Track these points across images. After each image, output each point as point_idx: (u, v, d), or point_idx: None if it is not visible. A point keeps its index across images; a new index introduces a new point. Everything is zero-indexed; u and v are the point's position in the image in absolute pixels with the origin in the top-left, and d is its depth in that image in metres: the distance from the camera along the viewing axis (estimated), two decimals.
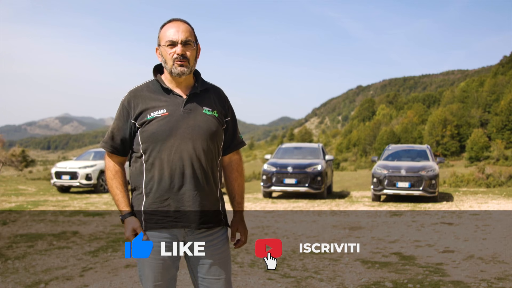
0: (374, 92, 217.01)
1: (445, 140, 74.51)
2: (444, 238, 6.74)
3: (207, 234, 2.12)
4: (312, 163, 12.42)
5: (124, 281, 4.50)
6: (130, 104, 2.10)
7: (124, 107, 2.11)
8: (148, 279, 2.09)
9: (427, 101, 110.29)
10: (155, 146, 2.04)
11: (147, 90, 2.12)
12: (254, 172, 45.72)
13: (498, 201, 10.79)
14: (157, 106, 2.07)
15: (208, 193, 2.08)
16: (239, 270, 4.93)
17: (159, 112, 2.05)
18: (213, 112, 2.13)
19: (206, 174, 2.08)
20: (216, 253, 2.14)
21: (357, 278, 4.66)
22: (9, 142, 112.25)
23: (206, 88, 2.17)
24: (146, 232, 2.06)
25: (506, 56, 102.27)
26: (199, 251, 2.08)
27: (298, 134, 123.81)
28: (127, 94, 2.14)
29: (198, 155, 2.05)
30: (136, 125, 2.08)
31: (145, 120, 2.05)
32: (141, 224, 2.07)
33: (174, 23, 2.10)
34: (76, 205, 10.56)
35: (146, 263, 2.08)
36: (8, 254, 5.77)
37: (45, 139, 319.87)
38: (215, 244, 2.14)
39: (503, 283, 4.36)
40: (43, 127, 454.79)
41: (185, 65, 2.07)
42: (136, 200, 2.11)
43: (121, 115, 2.12)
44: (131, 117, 2.09)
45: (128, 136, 2.11)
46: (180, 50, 2.05)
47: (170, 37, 2.06)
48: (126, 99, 2.12)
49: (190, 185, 2.04)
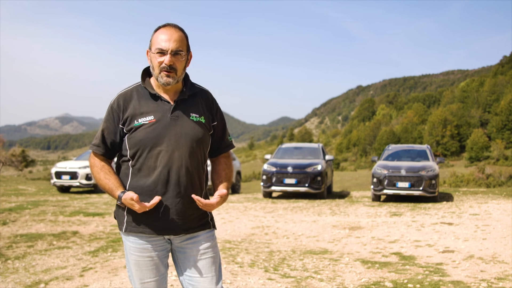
0: (374, 92, 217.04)
1: (445, 140, 74.51)
2: (444, 238, 6.74)
3: (193, 235, 2.12)
4: (312, 163, 12.42)
5: (124, 281, 4.50)
6: (120, 107, 2.07)
7: (114, 110, 2.08)
8: (136, 277, 2.09)
9: (427, 101, 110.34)
10: (142, 153, 2.03)
11: (136, 94, 2.10)
12: (254, 172, 45.73)
13: (498, 201, 10.78)
14: (144, 112, 2.05)
15: (192, 200, 2.07)
16: (239, 270, 4.92)
17: (146, 118, 2.03)
18: (200, 118, 2.12)
19: (192, 181, 2.08)
20: (201, 251, 2.12)
21: (357, 278, 4.65)
22: (9, 142, 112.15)
23: (195, 93, 2.15)
24: (127, 234, 2.09)
25: (506, 56, 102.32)
26: (186, 248, 2.10)
27: (298, 134, 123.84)
28: (116, 97, 2.10)
29: (184, 162, 2.05)
30: (123, 130, 2.07)
31: (132, 127, 2.04)
32: (123, 226, 2.09)
33: (167, 29, 2.04)
34: (76, 205, 10.56)
35: (132, 261, 2.09)
36: (8, 254, 5.77)
37: (45, 139, 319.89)
38: (200, 240, 2.12)
39: (503, 283, 4.36)
40: (43, 127, 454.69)
41: (172, 76, 2.03)
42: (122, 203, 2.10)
43: (110, 118, 2.08)
44: (120, 121, 2.07)
45: (118, 140, 2.09)
46: (168, 61, 2.00)
47: (161, 45, 2.01)
48: (116, 102, 2.08)
49: (173, 192, 2.03)
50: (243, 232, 7.39)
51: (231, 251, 5.93)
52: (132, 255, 2.09)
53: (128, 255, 2.11)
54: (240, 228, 7.75)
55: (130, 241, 2.09)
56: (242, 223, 8.26)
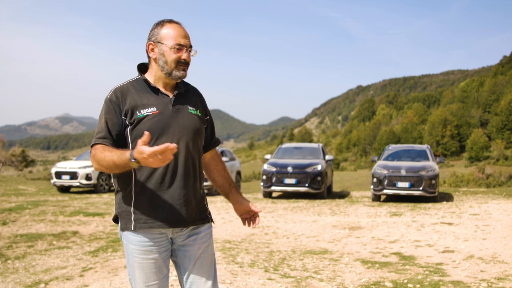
0: (374, 92, 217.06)
1: (445, 140, 74.53)
2: (444, 238, 6.73)
3: (194, 231, 2.14)
4: (312, 163, 12.41)
5: (124, 281, 4.50)
6: (119, 99, 2.04)
7: (113, 102, 2.03)
8: (140, 280, 2.07)
9: (427, 101, 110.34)
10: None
11: (133, 88, 2.09)
12: (254, 172, 45.73)
13: (498, 201, 10.78)
14: (146, 104, 2.04)
15: (195, 191, 2.12)
16: (239, 270, 4.92)
17: (149, 110, 2.03)
18: (197, 111, 2.17)
19: (195, 172, 2.11)
20: (202, 246, 2.14)
21: (357, 278, 4.65)
22: (9, 142, 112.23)
23: (188, 89, 2.21)
24: (135, 231, 2.04)
25: (506, 56, 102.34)
26: (187, 245, 2.11)
27: (298, 134, 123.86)
28: (112, 91, 2.07)
29: (188, 153, 2.08)
30: (126, 122, 2.04)
31: (135, 118, 2.02)
32: (131, 224, 2.03)
33: (178, 26, 2.10)
34: (76, 205, 10.56)
35: (136, 264, 2.05)
36: (8, 254, 5.77)
37: (45, 139, 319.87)
38: (202, 237, 2.15)
39: (503, 283, 4.36)
40: (43, 127, 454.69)
41: (186, 70, 2.11)
42: (124, 200, 2.06)
43: (111, 110, 2.02)
44: (122, 113, 2.03)
45: (122, 132, 2.05)
46: (187, 57, 2.08)
47: (179, 40, 2.06)
48: (113, 95, 2.05)
49: (180, 183, 2.05)
50: (243, 232, 7.39)
51: (231, 251, 5.92)
52: (136, 257, 2.05)
53: (131, 258, 2.07)
54: (240, 228, 7.75)
55: (134, 243, 2.05)
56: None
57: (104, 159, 1.91)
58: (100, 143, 1.97)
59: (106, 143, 1.98)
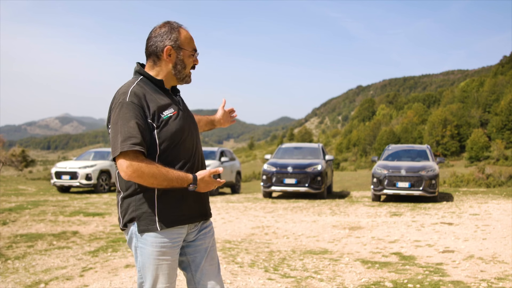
0: (374, 92, 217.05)
1: (445, 140, 74.51)
2: (444, 238, 6.73)
3: (204, 225, 2.20)
4: (312, 163, 12.42)
5: (124, 281, 4.50)
6: (141, 101, 1.96)
7: (137, 106, 1.94)
8: (160, 283, 2.03)
9: (427, 101, 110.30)
10: (171, 145, 2.01)
11: (148, 89, 2.03)
12: (254, 172, 45.72)
13: (498, 201, 10.78)
14: (165, 105, 2.03)
15: None
16: (239, 270, 4.92)
17: (170, 111, 2.03)
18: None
19: (203, 166, 2.18)
20: (211, 240, 2.22)
21: (357, 278, 4.65)
22: (9, 142, 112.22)
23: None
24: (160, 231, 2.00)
25: (506, 56, 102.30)
26: (198, 239, 2.16)
27: (298, 134, 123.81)
28: (131, 94, 1.96)
29: (200, 149, 2.18)
30: (153, 125, 1.98)
31: (162, 120, 1.99)
32: (155, 224, 1.99)
33: (187, 30, 2.14)
34: (76, 205, 10.56)
35: (154, 266, 2.02)
36: (8, 254, 5.77)
37: (45, 139, 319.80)
38: (210, 230, 2.23)
39: (503, 283, 4.36)
40: (43, 127, 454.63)
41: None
42: (146, 202, 2.00)
43: (138, 114, 1.93)
44: (149, 116, 1.98)
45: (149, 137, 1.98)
46: (197, 61, 2.16)
47: (194, 46, 2.14)
48: (134, 97, 1.96)
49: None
50: (243, 232, 7.39)
51: (231, 251, 5.92)
52: (155, 259, 2.01)
53: (148, 261, 2.02)
54: (240, 228, 7.75)
55: (154, 245, 2.00)
56: (242, 223, 8.26)
57: (162, 174, 1.90)
58: (138, 149, 1.89)
59: (143, 150, 1.91)
